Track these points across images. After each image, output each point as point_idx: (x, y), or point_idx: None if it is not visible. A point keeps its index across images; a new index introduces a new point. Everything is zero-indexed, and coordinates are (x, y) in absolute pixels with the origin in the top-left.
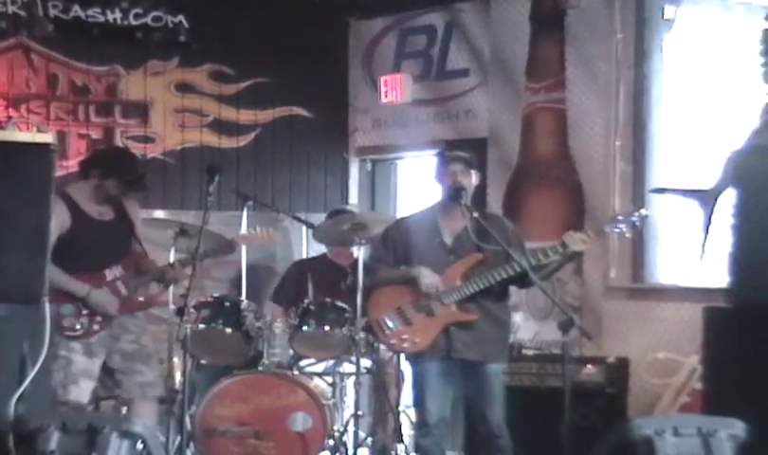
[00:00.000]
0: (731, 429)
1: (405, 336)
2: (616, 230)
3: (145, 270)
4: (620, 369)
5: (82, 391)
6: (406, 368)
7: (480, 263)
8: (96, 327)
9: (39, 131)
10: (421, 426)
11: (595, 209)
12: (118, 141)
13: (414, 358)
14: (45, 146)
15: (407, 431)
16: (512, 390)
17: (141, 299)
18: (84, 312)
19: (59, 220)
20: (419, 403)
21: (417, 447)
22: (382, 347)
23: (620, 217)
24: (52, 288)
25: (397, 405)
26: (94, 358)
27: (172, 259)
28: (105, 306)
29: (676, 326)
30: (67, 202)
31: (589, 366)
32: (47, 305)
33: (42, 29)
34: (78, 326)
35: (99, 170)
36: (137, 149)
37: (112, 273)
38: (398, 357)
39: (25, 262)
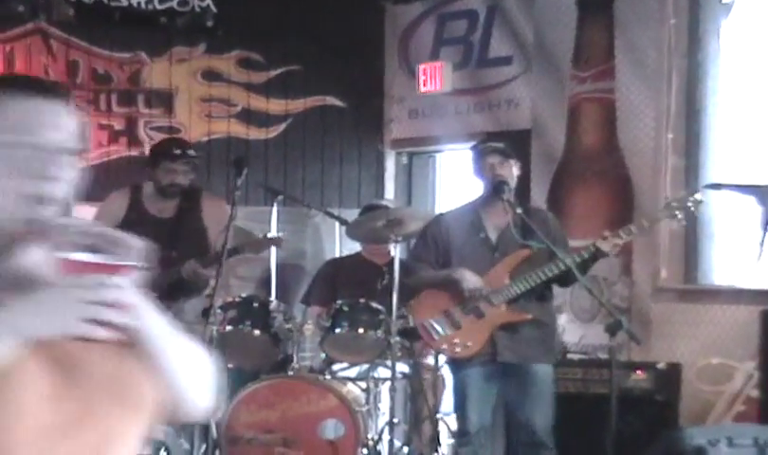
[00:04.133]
0: None
1: (456, 341)
2: (674, 216)
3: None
4: (671, 375)
5: None
6: (445, 373)
7: (526, 260)
8: None
9: None
10: (461, 434)
11: (645, 205)
12: (141, 132)
13: (457, 363)
14: None
15: (444, 440)
16: (556, 396)
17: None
18: None
19: (113, 213)
20: (459, 410)
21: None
22: (422, 350)
23: (674, 203)
24: None
25: (435, 412)
26: None
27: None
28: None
29: (730, 330)
30: (132, 195)
31: (637, 371)
32: None
33: (61, 14)
34: None
35: (149, 161)
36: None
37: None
38: (437, 362)
39: None
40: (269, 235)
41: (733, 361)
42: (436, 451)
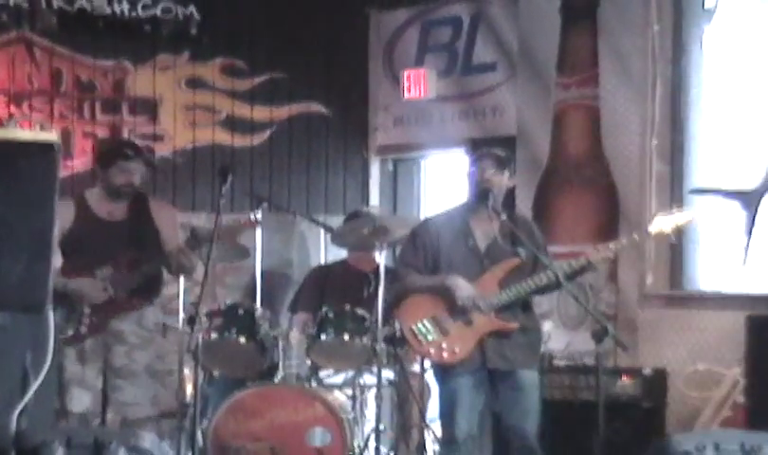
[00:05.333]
0: None
1: (443, 346)
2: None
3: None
4: (657, 381)
5: (75, 400)
6: (431, 380)
7: (516, 268)
8: (83, 330)
9: (42, 129)
10: (449, 442)
11: (630, 212)
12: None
13: (444, 370)
14: (47, 145)
15: (431, 447)
16: (543, 403)
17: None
18: (73, 315)
19: (61, 221)
20: (447, 418)
21: None
22: (409, 357)
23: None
24: None
25: (422, 419)
26: (86, 366)
27: None
28: (83, 295)
29: (717, 335)
30: (77, 203)
31: (624, 378)
32: (51, 314)
33: (45, 22)
34: (68, 330)
35: (99, 163)
36: (145, 148)
37: (101, 273)
38: (423, 369)
39: (26, 268)
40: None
41: (719, 367)
42: None
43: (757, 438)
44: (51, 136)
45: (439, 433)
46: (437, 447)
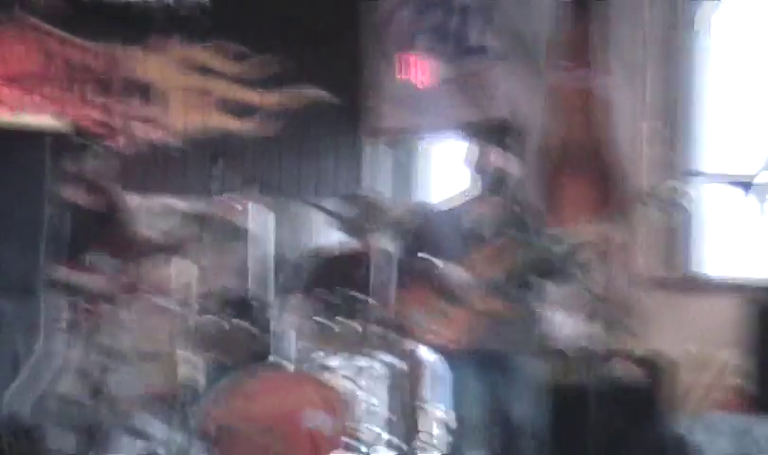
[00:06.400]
0: (766, 428)
1: (442, 331)
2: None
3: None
4: (650, 364)
5: (65, 384)
6: (428, 363)
7: (508, 249)
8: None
9: (35, 116)
10: (456, 427)
11: (626, 195)
12: (119, 123)
13: (446, 355)
14: (40, 133)
15: (428, 429)
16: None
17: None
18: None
19: None
20: (450, 402)
21: (450, 449)
22: (407, 341)
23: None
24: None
25: (417, 401)
26: (77, 349)
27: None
28: (88, 284)
29: (709, 318)
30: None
31: (616, 361)
32: (43, 298)
33: (37, 4)
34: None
35: None
36: (138, 131)
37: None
38: (418, 352)
39: (18, 252)
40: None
41: (711, 350)
42: (419, 440)
43: (747, 421)
44: (45, 122)
45: (434, 415)
46: (434, 429)
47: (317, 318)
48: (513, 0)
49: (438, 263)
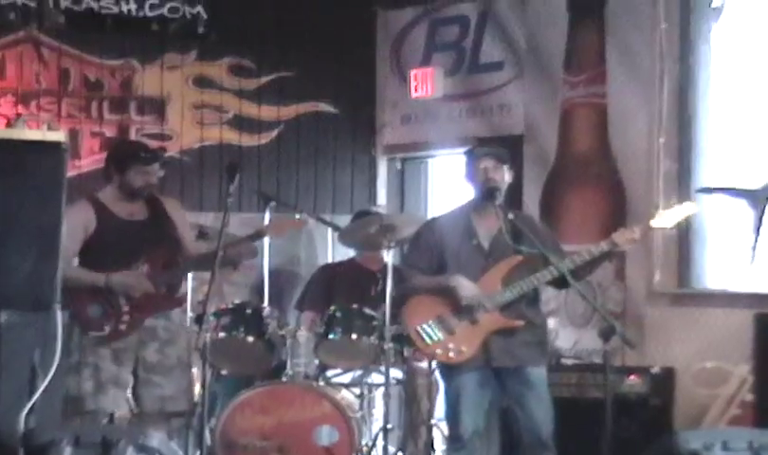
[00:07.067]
0: None
1: (450, 346)
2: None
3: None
4: (665, 379)
5: (111, 400)
6: (439, 378)
7: (519, 266)
8: (123, 327)
9: (49, 129)
10: (454, 440)
11: (638, 210)
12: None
13: (448, 369)
14: (55, 145)
15: (439, 446)
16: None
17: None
18: (111, 311)
19: (83, 223)
20: (453, 416)
21: None
22: (415, 356)
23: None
24: (75, 287)
25: (430, 418)
26: (122, 366)
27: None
28: (129, 287)
29: (725, 333)
30: (94, 205)
31: (632, 376)
32: (59, 312)
33: (53, 21)
34: (106, 327)
35: (115, 167)
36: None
37: (137, 269)
38: (430, 368)
39: (34, 266)
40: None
41: (727, 365)
42: None
43: (765, 436)
44: (59, 135)
45: (446, 431)
46: (445, 446)
47: (331, 334)
48: (527, 16)
49: (447, 278)
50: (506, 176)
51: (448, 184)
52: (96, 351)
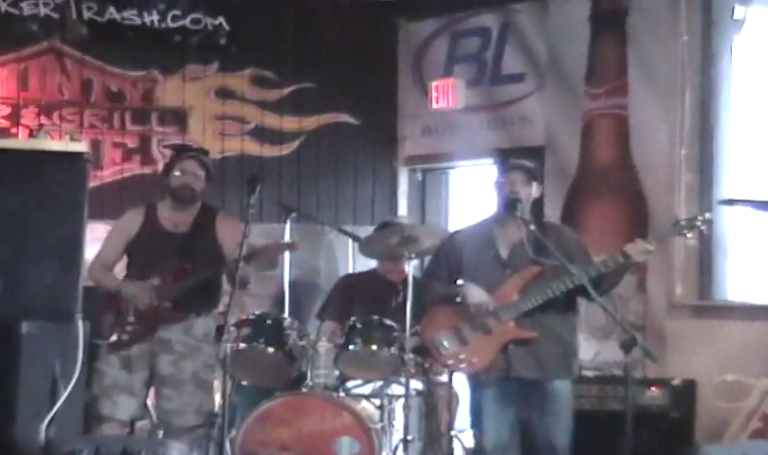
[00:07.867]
0: None
1: (462, 356)
2: (683, 234)
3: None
4: (686, 391)
5: (117, 407)
6: (459, 390)
7: (537, 277)
8: (125, 337)
9: (72, 139)
10: (477, 452)
11: (659, 222)
12: (155, 150)
13: (472, 380)
14: (77, 155)
15: None
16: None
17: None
18: (119, 319)
19: (127, 230)
20: (475, 427)
21: None
22: (434, 367)
23: (683, 223)
24: (99, 293)
25: (450, 429)
26: (133, 373)
27: None
28: (134, 297)
29: (746, 346)
30: (147, 211)
31: (653, 388)
32: (81, 323)
33: (75, 33)
34: (114, 337)
35: (163, 171)
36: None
37: (152, 282)
38: (451, 379)
39: (55, 277)
40: (282, 241)
41: (749, 378)
42: None
43: None
44: (81, 146)
45: (467, 443)
46: None
47: (351, 345)
48: (549, 27)
49: (467, 288)
50: (533, 192)
51: (468, 195)
52: (106, 357)
